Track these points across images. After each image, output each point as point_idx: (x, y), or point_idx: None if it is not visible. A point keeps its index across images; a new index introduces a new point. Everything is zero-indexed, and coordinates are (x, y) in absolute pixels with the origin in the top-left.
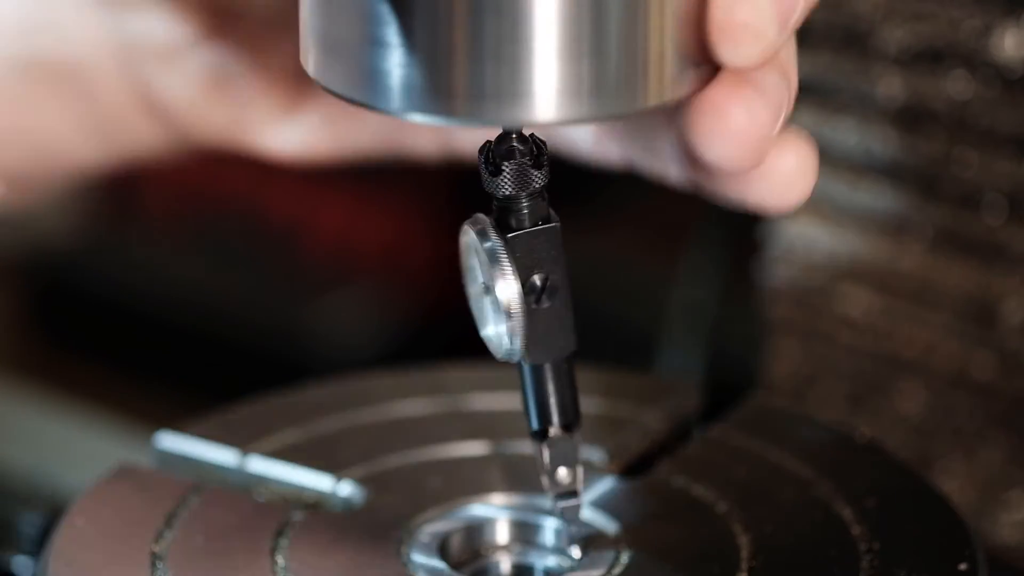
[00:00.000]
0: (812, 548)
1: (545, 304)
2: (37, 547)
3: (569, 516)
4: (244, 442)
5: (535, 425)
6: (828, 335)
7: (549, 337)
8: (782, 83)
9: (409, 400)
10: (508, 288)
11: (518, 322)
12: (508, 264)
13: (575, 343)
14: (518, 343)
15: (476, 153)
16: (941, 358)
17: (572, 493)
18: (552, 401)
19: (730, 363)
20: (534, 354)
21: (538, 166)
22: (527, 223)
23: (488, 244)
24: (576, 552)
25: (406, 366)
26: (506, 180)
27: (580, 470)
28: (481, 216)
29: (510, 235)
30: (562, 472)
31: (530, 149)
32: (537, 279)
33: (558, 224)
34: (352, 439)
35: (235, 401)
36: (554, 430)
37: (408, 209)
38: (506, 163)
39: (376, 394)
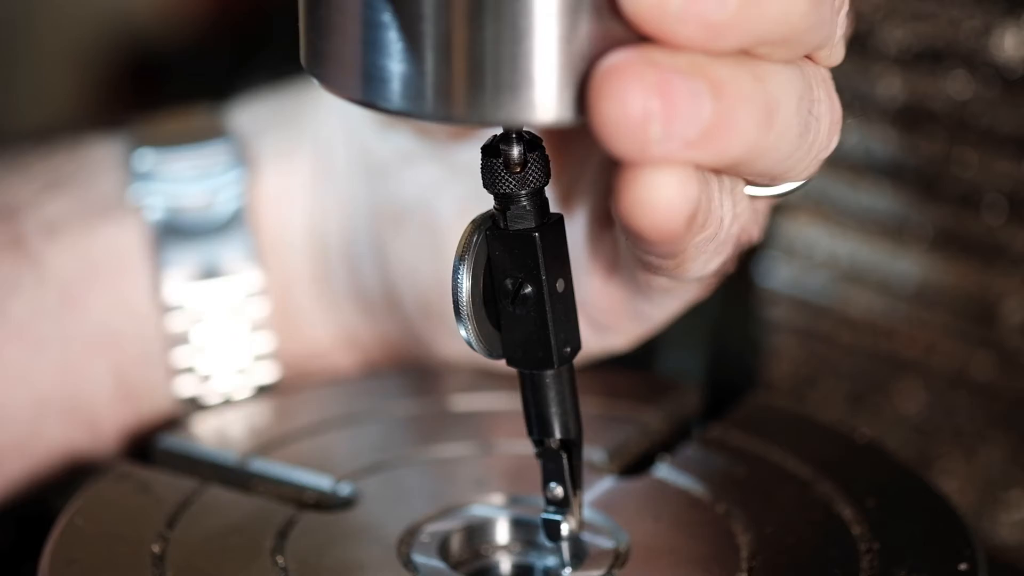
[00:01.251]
0: (812, 548)
1: (517, 310)
2: None
3: (548, 530)
4: (244, 442)
5: (533, 435)
6: (828, 335)
7: (528, 345)
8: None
9: (409, 400)
10: (459, 283)
11: (466, 319)
12: (467, 259)
13: (553, 362)
14: (471, 339)
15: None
16: (941, 358)
17: (561, 509)
18: (551, 413)
19: (730, 363)
20: (511, 359)
21: (523, 168)
22: (510, 224)
23: (467, 236)
24: (567, 571)
25: (407, 366)
26: (485, 176)
27: (576, 492)
28: (488, 213)
29: (488, 233)
30: (555, 488)
31: (521, 151)
32: (510, 283)
33: (536, 234)
34: (352, 439)
35: (235, 400)
36: (552, 442)
37: None
38: (487, 160)
39: (376, 394)
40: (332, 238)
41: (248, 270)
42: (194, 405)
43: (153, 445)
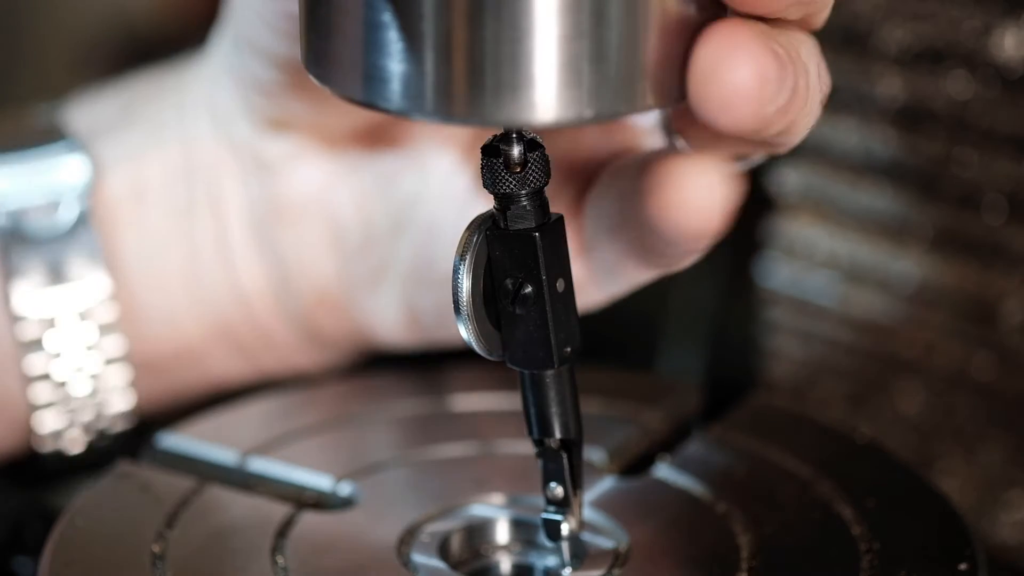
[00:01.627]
0: (812, 548)
1: (518, 310)
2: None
3: (548, 530)
4: (244, 442)
5: (533, 435)
6: (828, 335)
7: (528, 345)
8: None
9: (409, 400)
10: (459, 282)
11: (466, 319)
12: (467, 258)
13: (554, 362)
14: (471, 339)
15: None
16: (941, 358)
17: (562, 509)
18: (551, 412)
19: (730, 363)
20: (511, 358)
21: (523, 168)
22: (510, 224)
23: (467, 236)
24: (567, 571)
25: (406, 366)
26: (485, 175)
27: (576, 492)
28: (488, 212)
29: (488, 232)
30: (555, 488)
31: (521, 151)
32: (510, 283)
33: (536, 234)
34: (352, 439)
35: (235, 401)
36: (552, 442)
37: None
38: (487, 160)
39: (376, 394)
40: (202, 236)
41: (95, 273)
42: (51, 411)
43: (153, 445)
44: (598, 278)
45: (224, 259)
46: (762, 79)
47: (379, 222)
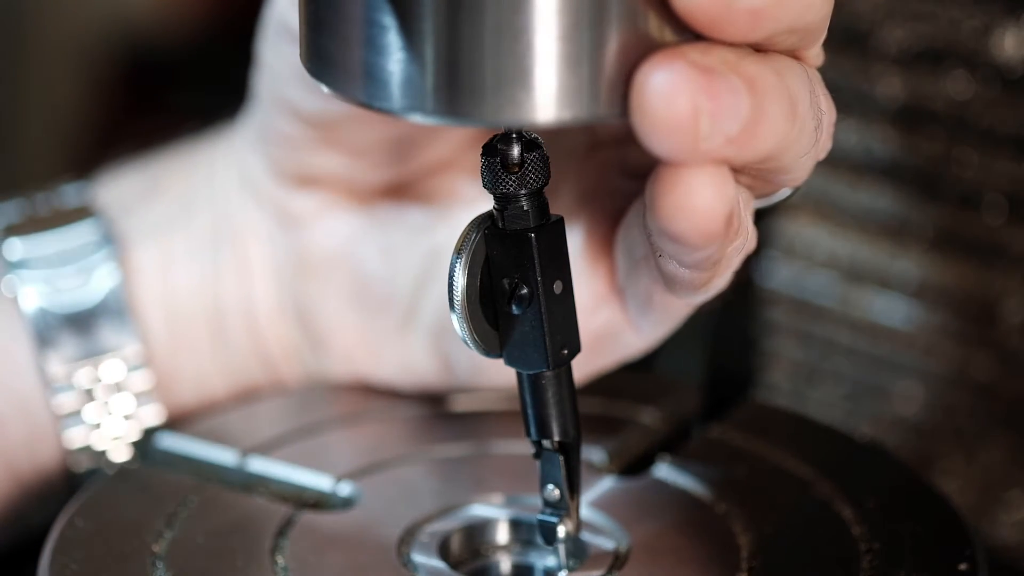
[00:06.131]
0: (812, 548)
1: (514, 310)
2: None
3: (544, 533)
4: (244, 442)
5: (531, 436)
6: (828, 335)
7: (524, 346)
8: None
9: (409, 400)
10: (454, 279)
11: (460, 316)
12: (463, 255)
13: (548, 364)
14: (466, 337)
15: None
16: (941, 358)
17: (558, 512)
18: (549, 414)
19: (730, 363)
20: (509, 359)
21: (521, 168)
22: (507, 224)
23: (465, 234)
24: (564, 573)
25: None
26: (484, 175)
27: (574, 494)
28: (488, 212)
29: (487, 231)
30: (552, 490)
31: (519, 151)
32: (507, 283)
33: (532, 235)
34: (351, 439)
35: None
36: (548, 443)
37: None
38: (486, 159)
39: (376, 394)
40: (229, 300)
41: (128, 343)
42: (89, 475)
43: (153, 445)
44: (634, 319)
45: (249, 322)
46: (693, 111)
47: (405, 276)
